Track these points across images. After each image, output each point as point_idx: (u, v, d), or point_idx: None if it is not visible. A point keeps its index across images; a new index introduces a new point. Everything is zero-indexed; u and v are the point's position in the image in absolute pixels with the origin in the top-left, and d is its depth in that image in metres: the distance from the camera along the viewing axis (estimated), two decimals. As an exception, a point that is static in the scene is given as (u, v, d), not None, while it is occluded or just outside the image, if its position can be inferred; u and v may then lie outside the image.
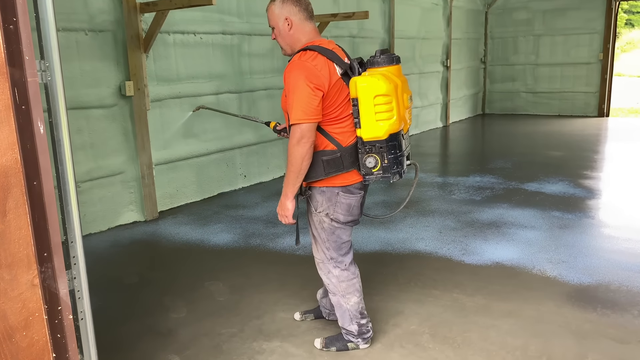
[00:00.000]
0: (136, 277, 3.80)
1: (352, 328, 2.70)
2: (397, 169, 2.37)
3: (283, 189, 2.45)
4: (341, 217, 2.52)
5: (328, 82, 2.31)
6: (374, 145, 2.32)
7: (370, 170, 2.36)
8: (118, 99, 4.84)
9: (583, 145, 8.53)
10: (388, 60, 2.34)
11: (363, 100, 2.26)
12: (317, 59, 2.32)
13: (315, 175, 2.43)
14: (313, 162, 2.38)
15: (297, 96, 2.28)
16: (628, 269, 3.67)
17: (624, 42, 32.00)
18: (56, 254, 1.62)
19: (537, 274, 3.64)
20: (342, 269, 2.63)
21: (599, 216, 4.91)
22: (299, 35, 2.43)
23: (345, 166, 2.41)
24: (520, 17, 12.66)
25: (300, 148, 2.30)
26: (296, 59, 2.35)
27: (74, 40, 4.47)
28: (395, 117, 2.30)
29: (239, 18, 6.05)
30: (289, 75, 2.32)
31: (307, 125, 2.28)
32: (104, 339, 2.83)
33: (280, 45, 2.51)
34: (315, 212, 2.55)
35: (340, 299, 2.66)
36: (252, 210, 5.35)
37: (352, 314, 2.68)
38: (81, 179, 4.59)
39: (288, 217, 2.49)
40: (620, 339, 2.78)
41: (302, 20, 2.42)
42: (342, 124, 2.40)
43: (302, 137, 2.29)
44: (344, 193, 2.47)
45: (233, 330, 3.01)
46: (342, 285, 2.64)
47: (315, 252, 2.68)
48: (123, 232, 4.80)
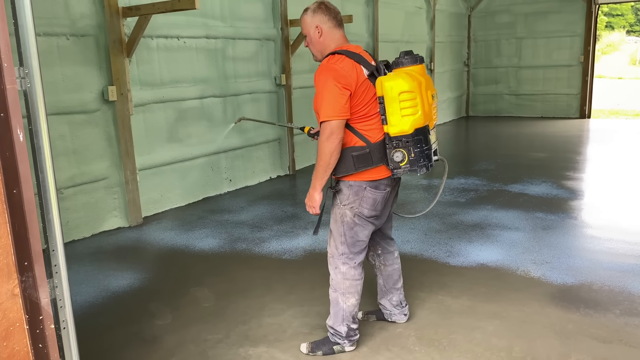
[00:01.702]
0: (120, 284, 3.76)
1: (341, 329, 2.72)
2: (424, 162, 2.48)
3: (312, 182, 2.57)
4: (365, 211, 2.59)
5: (355, 82, 2.44)
6: (401, 140, 2.44)
7: (398, 164, 2.47)
8: (101, 104, 4.80)
9: (565, 147, 8.64)
10: (412, 60, 2.47)
11: (389, 98, 2.39)
12: (344, 61, 2.46)
13: (346, 170, 2.54)
14: (343, 157, 2.51)
15: (326, 95, 2.41)
16: (610, 268, 3.72)
17: (605, 44, 32.52)
18: (37, 262, 1.60)
19: (521, 275, 3.67)
20: (350, 266, 2.67)
21: (582, 217, 4.98)
22: (328, 41, 2.60)
23: (374, 161, 2.52)
24: (502, 20, 12.80)
25: (329, 144, 2.42)
26: (325, 62, 2.50)
27: (55, 45, 4.43)
28: (419, 112, 2.42)
29: (222, 22, 6.04)
30: (318, 77, 2.47)
31: (336, 122, 2.41)
32: (88, 348, 2.80)
33: (312, 51, 2.68)
34: (339, 205, 2.63)
35: (340, 297, 2.70)
36: (238, 215, 5.33)
37: (345, 315, 2.71)
38: (64, 185, 4.54)
39: (315, 207, 2.61)
40: (602, 339, 2.81)
41: (331, 28, 2.59)
42: (370, 122, 2.52)
43: (332, 133, 2.41)
44: (371, 188, 2.56)
45: (219, 336, 2.99)
46: (345, 283, 2.68)
47: (329, 246, 2.75)
48: (107, 238, 4.76)
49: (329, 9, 2.60)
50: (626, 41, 33.70)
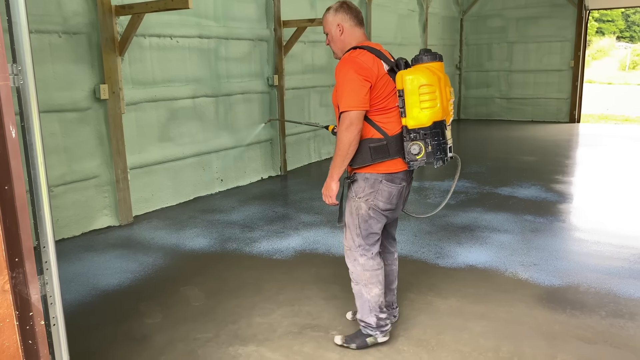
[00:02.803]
0: (110, 283, 3.76)
1: (371, 320, 2.75)
2: (440, 155, 2.52)
3: (329, 171, 2.60)
4: (381, 204, 2.63)
5: (376, 75, 2.49)
6: (419, 133, 2.48)
7: (415, 156, 2.51)
8: (92, 102, 4.79)
9: (555, 151, 8.72)
10: (431, 57, 2.52)
11: (409, 90, 2.44)
12: (366, 55, 2.52)
13: (363, 161, 2.57)
14: (361, 149, 2.55)
15: (347, 86, 2.47)
16: (596, 271, 3.76)
17: (595, 49, 32.82)
18: (28, 259, 1.60)
19: (510, 276, 3.71)
20: (368, 257, 2.70)
21: (570, 220, 5.03)
22: (349, 39, 2.66)
23: (390, 154, 2.56)
24: (494, 24, 12.90)
25: (348, 134, 2.47)
26: (346, 55, 2.57)
27: (47, 42, 4.41)
28: (438, 105, 2.47)
29: (215, 22, 6.04)
30: (339, 69, 2.52)
31: (355, 113, 2.45)
32: (77, 345, 2.80)
33: (333, 49, 2.75)
34: (354, 198, 2.66)
35: (362, 288, 2.73)
36: (229, 215, 5.34)
37: (372, 306, 2.73)
38: (54, 183, 4.53)
39: (332, 197, 2.64)
40: (588, 339, 2.85)
41: (352, 27, 2.67)
42: (388, 115, 2.56)
43: (351, 123, 2.45)
44: (387, 181, 2.60)
45: (209, 335, 3.00)
46: (365, 275, 2.71)
47: (345, 239, 2.77)
48: (97, 236, 4.74)
49: (351, 9, 2.68)
50: (616, 47, 34.05)
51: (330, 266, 3.96)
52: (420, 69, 2.47)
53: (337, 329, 3.02)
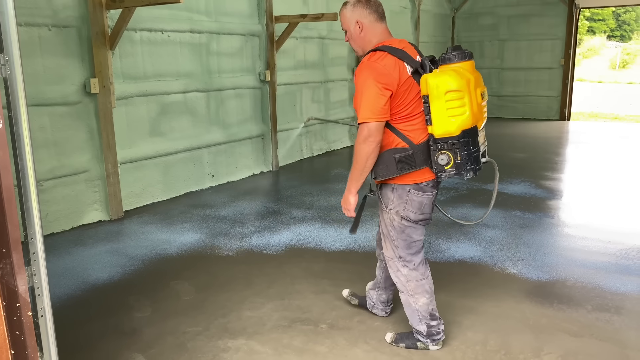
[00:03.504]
0: (100, 277, 3.75)
1: (421, 328, 2.67)
2: (471, 165, 2.35)
3: (347, 184, 2.50)
4: (412, 215, 2.50)
5: (397, 82, 2.32)
6: (446, 142, 2.30)
7: (443, 167, 2.35)
8: (83, 96, 4.77)
9: (545, 148, 8.78)
10: (460, 56, 2.32)
11: (434, 97, 2.25)
12: (387, 58, 2.34)
13: (389, 173, 2.42)
14: (385, 159, 2.40)
15: (365, 95, 2.31)
16: (583, 265, 3.81)
17: (586, 48, 33.04)
18: (15, 250, 1.60)
19: (498, 271, 3.74)
20: (410, 269, 2.60)
21: (558, 216, 5.08)
22: (370, 37, 2.48)
23: (417, 164, 2.41)
24: (486, 22, 12.95)
25: (366, 146, 2.33)
26: (365, 59, 2.39)
27: (37, 35, 4.38)
28: (467, 112, 2.27)
29: (207, 17, 6.02)
30: (358, 75, 2.37)
31: (374, 124, 2.31)
32: (66, 338, 2.79)
33: (353, 47, 2.57)
34: (385, 210, 2.54)
35: (409, 298, 2.64)
36: (220, 210, 5.34)
37: (421, 315, 2.64)
38: (44, 177, 4.50)
39: (350, 210, 2.55)
40: (574, 333, 2.89)
41: (372, 23, 2.48)
42: (413, 122, 2.40)
43: (369, 135, 2.32)
44: (416, 191, 2.46)
45: (198, 328, 3.00)
46: (410, 285, 2.61)
47: (385, 249, 2.66)
48: (87, 231, 4.73)
49: (370, 2, 2.48)
50: (607, 46, 34.28)
51: (320, 261, 3.98)
52: (447, 72, 2.25)
53: (327, 322, 3.04)
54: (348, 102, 9.03)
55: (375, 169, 2.45)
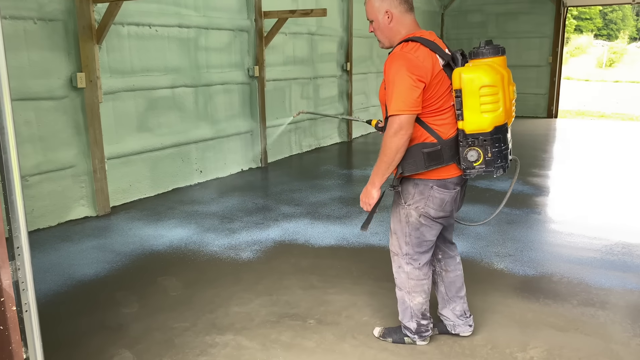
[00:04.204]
0: (86, 273, 3.72)
1: (411, 325, 2.66)
2: (501, 163, 2.29)
3: (371, 177, 2.39)
4: (432, 211, 2.42)
5: (430, 74, 2.25)
6: (477, 138, 2.25)
7: (472, 164, 2.29)
8: (69, 91, 4.71)
9: (533, 145, 8.85)
10: (494, 50, 2.26)
11: (467, 91, 2.20)
12: (420, 50, 2.26)
13: (416, 168, 2.34)
14: (413, 154, 2.32)
15: (397, 87, 2.22)
16: (569, 261, 3.84)
17: (573, 47, 33.33)
18: (-1, 244, 1.58)
19: (485, 266, 3.77)
20: (414, 267, 2.54)
21: (545, 212, 5.12)
22: (399, 27, 2.39)
23: (445, 159, 2.33)
24: (474, 19, 13.00)
25: (397, 139, 2.24)
26: (398, 50, 2.30)
27: (22, 29, 4.32)
28: (501, 108, 2.22)
29: (195, 11, 5.98)
30: (390, 66, 2.27)
31: (406, 117, 2.22)
32: (52, 334, 2.77)
33: (379, 38, 2.46)
34: (403, 205, 2.46)
35: (405, 295, 2.61)
36: (208, 206, 5.31)
37: (414, 312, 2.62)
38: (29, 172, 4.45)
39: (371, 204, 2.43)
40: (559, 327, 2.92)
41: (402, 13, 2.39)
42: (443, 116, 2.32)
43: (400, 128, 2.23)
44: (439, 187, 2.38)
45: (186, 324, 2.99)
46: (410, 283, 2.57)
47: (391, 244, 2.62)
48: (74, 227, 4.68)
49: None
50: (594, 44, 34.62)
51: (309, 257, 3.98)
52: (482, 67, 2.20)
53: (315, 317, 3.04)
54: (337, 99, 9.04)
55: (402, 163, 2.36)
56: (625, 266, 3.75)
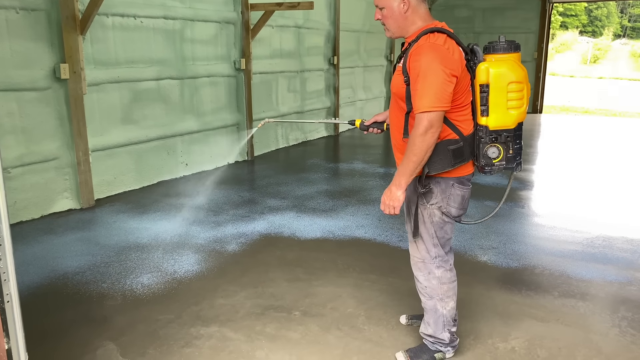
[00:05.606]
0: (70, 265, 3.69)
1: (444, 336, 2.49)
2: (519, 159, 2.26)
3: (396, 178, 2.23)
4: (454, 210, 2.34)
5: (461, 68, 2.16)
6: (500, 135, 2.19)
7: (491, 160, 2.22)
8: (52, 82, 4.66)
9: (517, 140, 8.91)
10: (513, 47, 2.19)
11: (495, 87, 2.13)
12: (448, 42, 2.15)
13: (443, 167, 2.24)
14: (439, 152, 2.21)
15: (429, 81, 2.08)
16: (551, 254, 3.90)
17: (558, 43, 33.61)
18: (-21, 234, 1.56)
19: (469, 259, 3.81)
20: (446, 269, 2.42)
21: (529, 205, 5.18)
22: (414, 17, 2.26)
23: (466, 156, 2.26)
24: (461, 14, 13.05)
25: (428, 138, 2.11)
26: (424, 41, 2.15)
27: (4, 18, 4.26)
28: (525, 105, 2.18)
29: (181, 3, 5.93)
30: (418, 57, 2.12)
31: (437, 114, 2.09)
32: (35, 326, 2.76)
33: (388, 27, 2.32)
34: (426, 205, 2.34)
35: (438, 303, 2.45)
36: (193, 199, 5.29)
37: (446, 320, 2.47)
38: (11, 164, 4.40)
39: (396, 208, 2.25)
40: (541, 318, 2.96)
41: (418, 2, 2.27)
42: (464, 112, 2.24)
43: (431, 126, 2.09)
44: (459, 184, 2.32)
45: (170, 316, 2.98)
46: (442, 288, 2.43)
47: (416, 250, 2.44)
48: (57, 220, 4.64)
49: None
50: (579, 41, 34.95)
51: (294, 249, 3.99)
52: (508, 63, 2.13)
53: (300, 309, 3.05)
54: (324, 92, 9.02)
55: (428, 162, 2.22)
56: (606, 259, 3.82)
